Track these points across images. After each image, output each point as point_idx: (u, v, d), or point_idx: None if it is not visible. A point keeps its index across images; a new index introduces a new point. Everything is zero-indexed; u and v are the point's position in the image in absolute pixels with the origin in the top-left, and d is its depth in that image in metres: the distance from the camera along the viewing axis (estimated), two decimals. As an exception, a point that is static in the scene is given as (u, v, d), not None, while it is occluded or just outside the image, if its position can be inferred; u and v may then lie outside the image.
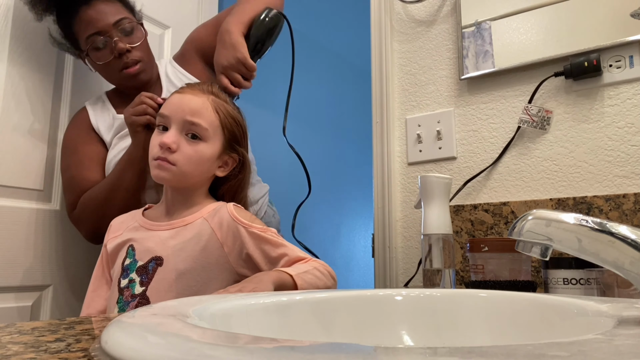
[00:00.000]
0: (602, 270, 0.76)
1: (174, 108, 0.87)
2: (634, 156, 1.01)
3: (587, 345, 0.24)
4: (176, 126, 0.86)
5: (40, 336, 0.36)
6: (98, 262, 0.95)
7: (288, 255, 0.82)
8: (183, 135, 0.86)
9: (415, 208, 1.13)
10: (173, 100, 0.88)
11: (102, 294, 0.93)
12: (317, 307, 0.52)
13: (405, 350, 0.24)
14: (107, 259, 0.94)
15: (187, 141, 0.86)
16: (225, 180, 0.94)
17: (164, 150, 0.84)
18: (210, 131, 0.87)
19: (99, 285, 0.94)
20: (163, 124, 0.88)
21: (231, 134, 0.91)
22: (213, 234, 0.85)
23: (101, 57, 1.07)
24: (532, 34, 1.13)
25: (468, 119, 1.21)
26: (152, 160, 0.87)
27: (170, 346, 0.26)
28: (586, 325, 0.39)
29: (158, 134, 0.88)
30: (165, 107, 0.89)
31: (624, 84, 1.03)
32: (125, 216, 0.97)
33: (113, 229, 0.95)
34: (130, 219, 0.95)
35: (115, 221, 0.97)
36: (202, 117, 0.86)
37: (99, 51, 1.07)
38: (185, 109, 0.86)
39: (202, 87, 0.91)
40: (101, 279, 0.94)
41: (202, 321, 0.37)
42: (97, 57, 1.08)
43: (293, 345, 0.24)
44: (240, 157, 0.93)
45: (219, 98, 0.91)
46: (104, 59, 1.07)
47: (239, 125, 0.93)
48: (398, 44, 1.35)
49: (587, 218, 0.38)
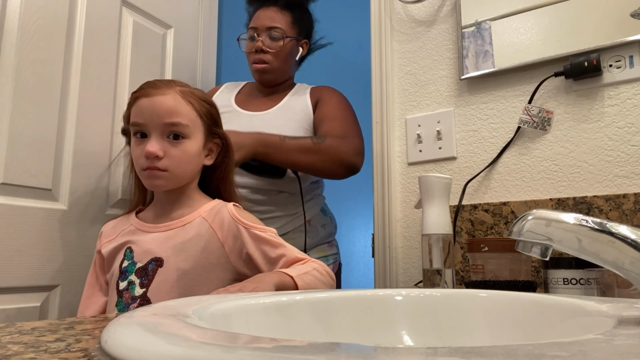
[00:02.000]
0: (602, 270, 0.76)
1: (148, 114, 0.84)
2: (634, 156, 1.01)
3: (587, 345, 0.24)
4: (156, 132, 0.83)
5: (40, 336, 0.36)
6: (91, 268, 0.94)
7: (287, 256, 0.82)
8: (165, 138, 0.84)
9: (415, 208, 1.13)
10: (143, 105, 0.85)
11: (96, 300, 0.92)
12: (317, 307, 0.52)
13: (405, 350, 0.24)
14: (101, 265, 0.93)
15: (171, 143, 0.84)
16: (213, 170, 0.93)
17: (152, 160, 0.82)
18: (191, 126, 0.85)
19: (94, 292, 0.92)
20: (140, 131, 0.85)
21: (209, 118, 0.89)
22: (214, 234, 0.85)
23: (245, 46, 1.33)
24: (532, 34, 1.13)
25: (468, 119, 1.21)
26: (142, 171, 0.85)
27: (170, 346, 0.26)
28: (586, 325, 0.39)
29: (138, 143, 0.85)
30: (137, 115, 0.85)
31: (624, 84, 1.03)
32: (117, 221, 0.95)
33: (105, 235, 0.94)
34: (123, 223, 0.93)
35: (106, 227, 0.95)
36: (180, 115, 0.84)
37: (248, 41, 1.32)
38: (160, 112, 0.83)
39: (166, 82, 0.88)
40: (95, 285, 0.93)
41: (202, 321, 0.37)
42: (245, 46, 1.32)
43: (293, 345, 0.24)
44: (223, 140, 0.92)
45: (183, 86, 0.89)
46: (246, 48, 1.32)
47: (212, 106, 0.91)
48: (398, 44, 1.35)
49: (587, 218, 0.38)
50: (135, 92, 0.88)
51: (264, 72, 1.29)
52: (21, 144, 1.11)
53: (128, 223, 0.92)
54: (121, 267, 0.87)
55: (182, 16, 1.59)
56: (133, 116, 0.86)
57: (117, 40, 1.36)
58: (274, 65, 1.29)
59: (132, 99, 0.88)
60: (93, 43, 1.28)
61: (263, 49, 1.27)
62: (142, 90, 0.87)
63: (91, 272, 0.94)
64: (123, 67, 1.37)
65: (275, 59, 1.28)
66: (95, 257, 0.94)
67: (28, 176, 1.12)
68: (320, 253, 1.30)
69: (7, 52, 1.10)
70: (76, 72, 1.24)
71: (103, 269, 0.92)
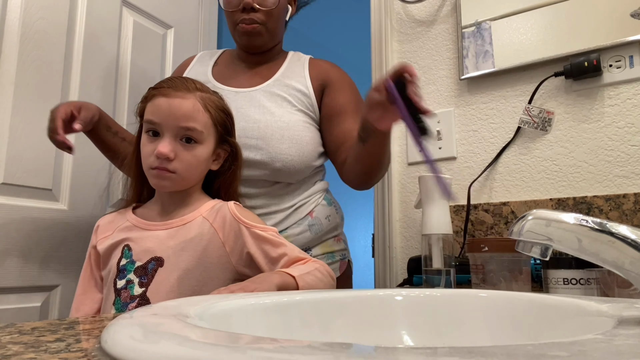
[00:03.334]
0: (602, 270, 0.76)
1: (165, 115, 0.83)
2: (634, 156, 1.01)
3: (587, 345, 0.24)
4: (169, 133, 0.83)
5: (40, 336, 0.36)
6: (85, 263, 0.92)
7: (288, 255, 0.82)
8: (178, 141, 0.83)
9: (415, 208, 1.13)
10: (161, 105, 0.83)
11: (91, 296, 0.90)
12: (317, 307, 0.52)
13: (405, 350, 0.24)
14: (96, 260, 0.91)
15: (183, 146, 0.84)
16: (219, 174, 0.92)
17: (162, 160, 0.82)
18: (205, 133, 0.85)
19: (88, 288, 0.91)
20: (153, 130, 0.84)
21: (223, 128, 0.89)
22: (215, 233, 0.85)
23: (229, 4, 1.06)
24: (532, 34, 1.13)
25: (468, 119, 1.21)
26: (150, 170, 0.84)
27: (170, 346, 0.26)
28: (586, 325, 0.39)
29: (150, 141, 0.84)
30: (153, 113, 0.84)
31: (624, 84, 1.03)
32: (113, 215, 0.94)
33: (101, 230, 0.92)
34: (120, 218, 0.92)
35: (102, 221, 0.94)
36: (196, 121, 0.84)
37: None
38: (177, 115, 0.82)
39: (186, 84, 0.86)
40: (90, 280, 0.91)
41: (202, 321, 0.37)
42: (225, 2, 1.07)
43: (293, 345, 0.24)
44: (233, 148, 0.92)
45: (205, 92, 0.88)
46: (230, 6, 1.06)
47: (228, 115, 0.91)
48: (398, 44, 1.35)
49: (587, 218, 0.38)
50: (154, 89, 0.86)
51: (256, 35, 1.07)
52: (21, 144, 1.11)
53: (124, 219, 0.91)
54: (119, 264, 0.86)
55: (182, 16, 1.59)
56: (148, 113, 0.85)
57: (117, 40, 1.36)
58: (268, 26, 1.07)
59: (150, 95, 0.86)
60: (93, 43, 1.28)
61: (254, 7, 1.04)
62: (162, 89, 0.85)
63: (85, 267, 0.92)
64: (123, 67, 1.37)
65: (269, 18, 1.06)
66: (90, 252, 0.92)
67: (28, 176, 1.12)
68: (326, 249, 1.09)
69: (7, 52, 1.10)
70: (76, 72, 1.24)
71: (98, 264, 0.91)
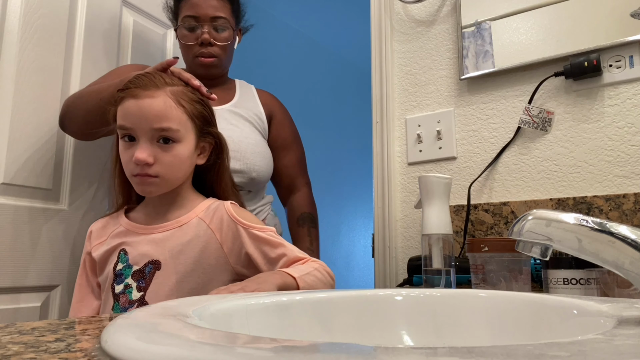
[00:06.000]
0: (602, 270, 0.76)
1: (136, 118, 0.79)
2: (634, 156, 1.01)
3: (587, 345, 0.24)
4: (145, 137, 0.79)
5: (40, 336, 0.36)
6: (80, 270, 0.91)
7: (287, 256, 0.82)
8: (155, 143, 0.80)
9: (415, 208, 1.13)
10: (131, 108, 0.79)
11: (88, 304, 0.89)
12: (317, 307, 0.52)
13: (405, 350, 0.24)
14: (92, 267, 0.90)
15: (161, 148, 0.80)
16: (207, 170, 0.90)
17: (142, 167, 0.79)
18: (182, 130, 0.81)
19: (85, 295, 0.90)
20: (128, 135, 0.80)
21: (201, 120, 0.85)
22: (212, 234, 0.84)
23: (187, 38, 1.19)
24: (532, 34, 1.13)
25: (468, 119, 1.21)
26: (132, 177, 0.81)
27: (170, 346, 0.26)
28: (586, 325, 0.39)
29: (127, 147, 0.81)
30: (124, 117, 0.80)
31: (624, 84, 1.03)
32: (106, 220, 0.92)
33: (95, 235, 0.90)
34: (112, 223, 0.90)
35: (94, 226, 0.92)
36: (170, 120, 0.79)
37: (188, 32, 1.18)
38: (149, 117, 0.78)
39: (154, 80, 0.81)
40: (86, 287, 0.90)
41: (202, 321, 0.37)
42: (183, 36, 1.19)
43: (293, 345, 0.24)
44: (216, 139, 0.89)
45: (175, 85, 0.83)
46: (188, 40, 1.19)
47: (205, 106, 0.87)
48: (398, 44, 1.35)
49: (587, 218, 0.38)
50: (122, 91, 0.82)
51: (213, 67, 1.20)
52: (21, 144, 1.11)
53: (117, 223, 0.89)
54: (115, 269, 0.84)
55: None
56: (120, 118, 0.81)
57: (117, 40, 1.36)
58: (222, 57, 1.20)
59: (119, 97, 0.82)
60: (93, 43, 1.28)
61: (211, 42, 1.17)
62: (130, 90, 0.80)
63: (80, 273, 0.90)
64: (123, 67, 1.37)
65: (224, 51, 1.20)
66: (85, 259, 0.90)
67: (28, 176, 1.12)
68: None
69: (7, 52, 1.10)
70: (76, 72, 1.24)
71: (94, 271, 0.89)
